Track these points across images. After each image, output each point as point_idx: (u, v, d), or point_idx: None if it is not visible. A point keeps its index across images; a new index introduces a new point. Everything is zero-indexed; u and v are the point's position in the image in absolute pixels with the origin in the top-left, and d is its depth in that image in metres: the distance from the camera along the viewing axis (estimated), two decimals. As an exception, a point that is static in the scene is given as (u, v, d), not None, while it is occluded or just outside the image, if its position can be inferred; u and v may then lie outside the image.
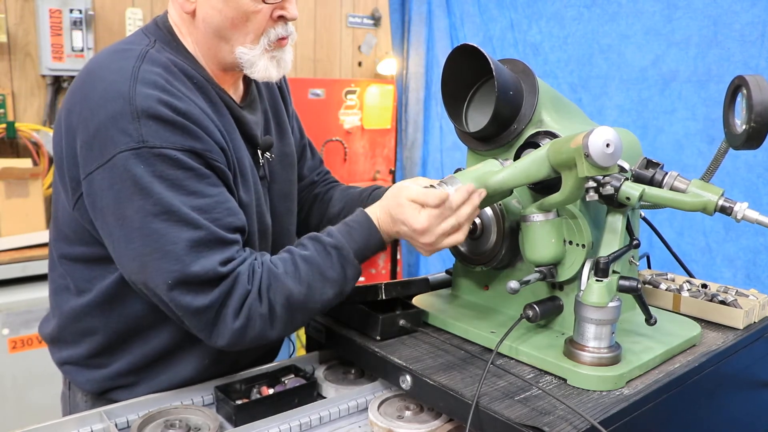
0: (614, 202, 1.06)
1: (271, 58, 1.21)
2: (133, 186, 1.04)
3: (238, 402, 1.13)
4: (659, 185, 1.08)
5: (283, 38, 1.21)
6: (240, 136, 1.24)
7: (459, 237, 1.14)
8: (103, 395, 1.25)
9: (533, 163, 1.06)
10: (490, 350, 1.15)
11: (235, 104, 1.24)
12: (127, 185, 1.04)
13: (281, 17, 1.18)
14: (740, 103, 0.98)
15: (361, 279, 4.02)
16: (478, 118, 1.28)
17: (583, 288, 1.07)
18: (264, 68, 1.20)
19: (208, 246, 1.06)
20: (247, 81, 1.33)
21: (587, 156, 0.94)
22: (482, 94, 1.29)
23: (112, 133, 1.05)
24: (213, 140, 1.13)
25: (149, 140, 1.04)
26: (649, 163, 1.12)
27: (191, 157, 1.08)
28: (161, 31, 1.20)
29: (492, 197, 1.14)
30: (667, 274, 1.54)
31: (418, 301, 1.37)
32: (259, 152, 1.31)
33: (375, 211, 1.19)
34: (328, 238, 1.16)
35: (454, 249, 1.31)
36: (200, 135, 1.10)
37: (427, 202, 1.11)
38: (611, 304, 1.03)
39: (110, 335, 1.21)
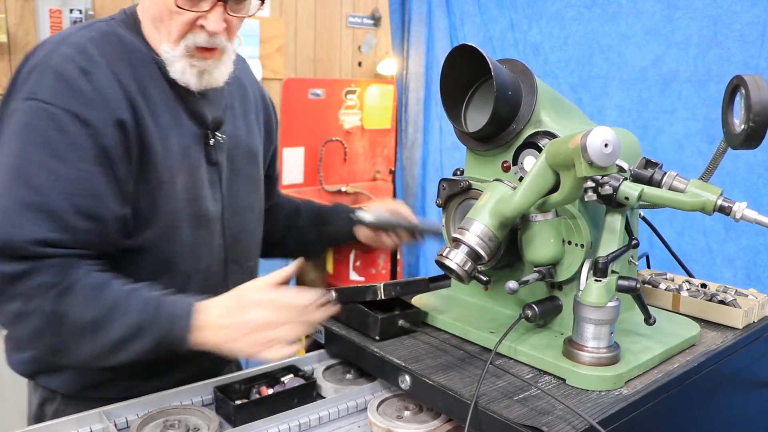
0: (613, 202, 1.06)
1: (191, 66, 1.20)
2: (8, 134, 1.06)
3: (238, 402, 1.13)
4: (658, 185, 1.08)
5: (206, 49, 1.19)
6: (186, 116, 1.23)
7: (287, 341, 1.08)
8: (35, 378, 1.24)
9: (538, 176, 1.05)
10: (489, 350, 1.15)
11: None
12: (4, 133, 1.06)
13: (202, 27, 1.17)
14: (739, 102, 0.98)
15: (362, 279, 4.04)
16: (477, 118, 1.28)
17: (582, 288, 1.07)
18: (181, 71, 1.19)
19: (33, 215, 1.02)
20: None
21: (585, 156, 0.93)
22: (481, 94, 1.29)
23: (19, 85, 1.08)
24: (113, 114, 1.10)
25: (40, 93, 1.06)
26: (648, 163, 1.12)
27: (76, 123, 1.06)
28: (125, 15, 1.24)
29: (511, 223, 1.13)
30: (666, 274, 1.53)
31: (417, 301, 1.38)
32: (210, 133, 1.27)
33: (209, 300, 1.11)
34: (159, 295, 1.10)
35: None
36: (97, 104, 1.08)
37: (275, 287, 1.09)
38: (610, 304, 1.03)
39: None
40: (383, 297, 1.24)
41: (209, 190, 1.27)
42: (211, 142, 1.28)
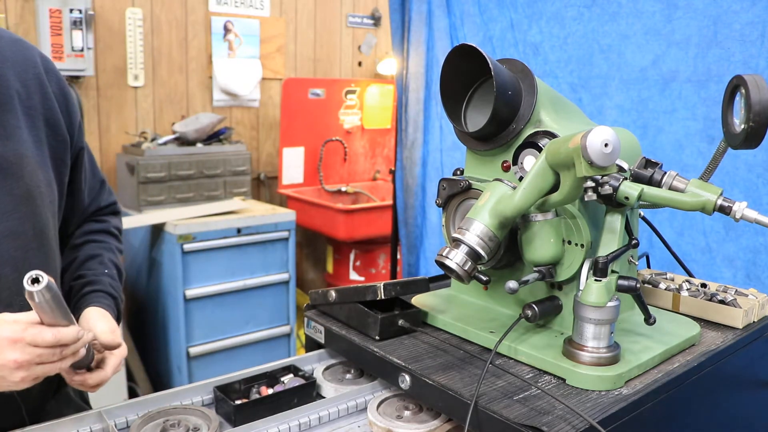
0: (613, 202, 1.06)
1: None
2: None
3: (238, 402, 1.14)
4: (658, 185, 1.08)
5: None
6: None
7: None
8: None
9: (538, 176, 1.05)
10: (489, 350, 1.15)
11: None
12: None
13: None
14: (739, 102, 0.98)
15: (362, 279, 4.05)
16: (477, 118, 1.29)
17: (582, 288, 1.07)
18: None
19: None
20: None
21: (585, 156, 0.93)
22: (481, 94, 1.29)
23: None
24: None
25: None
26: (648, 163, 1.12)
27: None
28: None
29: (511, 223, 1.12)
30: (666, 274, 1.54)
31: (417, 300, 1.38)
32: None
33: None
34: None
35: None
36: None
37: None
38: (610, 304, 1.03)
39: None
40: (383, 297, 1.24)
41: None
42: None
